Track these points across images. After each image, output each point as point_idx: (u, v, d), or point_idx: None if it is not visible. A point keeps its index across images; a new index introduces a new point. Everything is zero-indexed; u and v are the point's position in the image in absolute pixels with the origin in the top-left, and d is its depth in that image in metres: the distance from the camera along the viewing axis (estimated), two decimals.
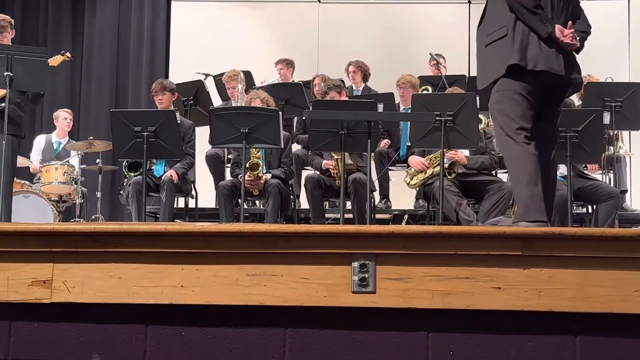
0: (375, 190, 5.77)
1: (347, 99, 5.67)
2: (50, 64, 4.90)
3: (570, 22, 3.20)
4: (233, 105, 6.36)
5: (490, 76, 3.25)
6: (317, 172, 5.40)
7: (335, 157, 5.20)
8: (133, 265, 2.34)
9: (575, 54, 3.33)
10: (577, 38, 3.23)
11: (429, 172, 4.96)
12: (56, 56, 5.23)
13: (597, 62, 7.79)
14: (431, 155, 5.00)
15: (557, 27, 3.21)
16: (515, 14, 3.20)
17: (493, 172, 5.26)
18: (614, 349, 2.28)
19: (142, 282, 2.33)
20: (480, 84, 3.39)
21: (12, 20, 4.99)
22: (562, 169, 4.93)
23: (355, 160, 5.28)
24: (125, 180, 5.54)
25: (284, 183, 5.34)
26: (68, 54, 5.42)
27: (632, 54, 8.33)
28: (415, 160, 5.07)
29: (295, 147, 6.22)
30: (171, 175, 5.34)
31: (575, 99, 5.71)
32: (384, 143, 6.03)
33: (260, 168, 5.26)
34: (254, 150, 5.20)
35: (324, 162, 5.35)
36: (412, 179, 5.08)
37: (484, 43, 3.31)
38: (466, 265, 2.29)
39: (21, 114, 4.80)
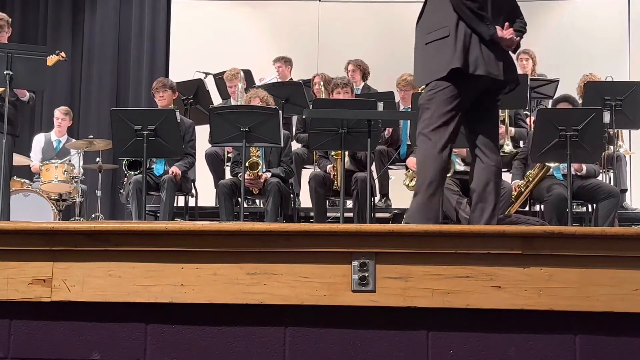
0: (376, 196, 5.79)
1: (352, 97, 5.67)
2: (46, 63, 4.89)
3: (507, 23, 3.20)
4: (233, 103, 6.36)
5: (431, 76, 3.25)
6: (322, 171, 5.41)
7: (335, 157, 5.21)
8: (133, 264, 2.34)
9: (513, 53, 3.33)
10: (517, 38, 3.23)
11: None
12: (51, 56, 5.23)
13: (597, 61, 7.81)
14: None
15: (497, 28, 3.21)
16: (459, 14, 3.18)
17: None
18: (613, 347, 2.28)
19: (142, 281, 2.33)
20: (419, 82, 3.42)
21: (9, 19, 4.99)
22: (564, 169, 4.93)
23: (353, 166, 5.31)
24: (126, 179, 5.54)
25: (284, 182, 5.35)
26: (63, 54, 5.43)
27: (632, 53, 8.33)
28: (413, 161, 5.06)
29: (295, 146, 6.22)
30: (173, 173, 5.34)
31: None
32: (388, 131, 6.01)
33: (260, 167, 5.26)
34: (253, 149, 5.20)
35: (329, 166, 5.37)
36: (411, 180, 5.08)
37: (424, 41, 3.29)
38: (466, 264, 2.29)
39: (16, 112, 4.81)
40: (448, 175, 4.76)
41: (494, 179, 3.26)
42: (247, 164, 5.13)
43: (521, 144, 6.04)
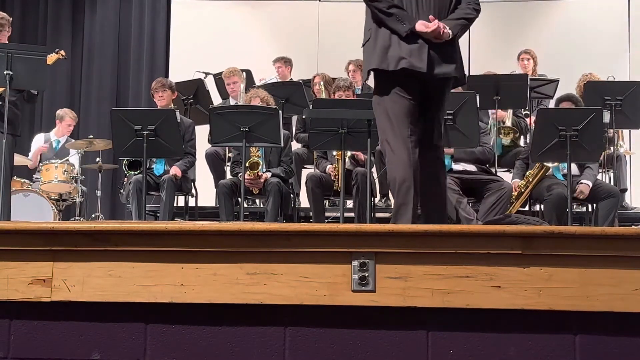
0: (376, 196, 5.79)
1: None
2: (46, 62, 4.89)
3: (431, 16, 3.14)
4: (233, 102, 6.36)
5: (364, 78, 3.39)
6: (319, 171, 5.41)
7: (337, 157, 5.21)
8: (133, 263, 2.34)
9: (451, 43, 3.23)
10: (448, 28, 3.16)
11: None
12: (51, 54, 5.24)
13: (597, 61, 7.81)
14: None
15: (420, 22, 3.14)
16: (372, 15, 3.22)
17: (492, 170, 5.27)
18: (613, 347, 2.28)
19: (142, 281, 2.33)
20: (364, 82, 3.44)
21: (10, 19, 4.99)
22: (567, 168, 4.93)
23: (353, 166, 5.31)
24: (126, 179, 5.55)
25: (284, 182, 5.35)
26: (63, 52, 5.43)
27: (632, 53, 8.33)
28: None
29: (295, 146, 6.22)
30: (174, 173, 5.34)
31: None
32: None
33: (260, 167, 5.26)
34: (253, 149, 5.20)
35: (329, 166, 5.37)
36: None
37: (362, 44, 3.36)
38: (466, 264, 2.29)
39: (17, 112, 4.81)
40: None
41: (441, 173, 3.28)
42: (247, 164, 5.13)
43: (522, 141, 6.05)
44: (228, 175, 5.89)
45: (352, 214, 5.36)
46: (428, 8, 3.22)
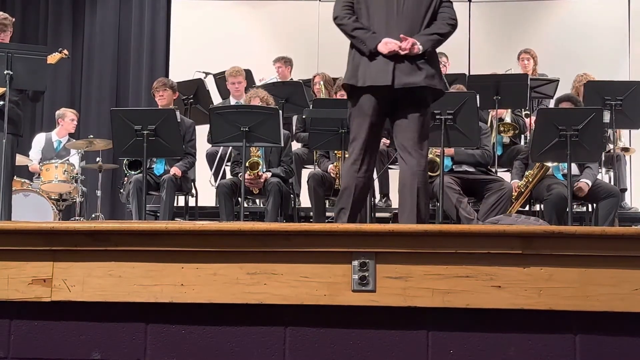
0: (376, 196, 5.79)
1: None
2: (48, 62, 4.89)
3: (402, 36, 3.32)
4: (233, 102, 6.36)
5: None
6: (321, 170, 5.41)
7: (338, 155, 5.21)
8: (133, 263, 2.34)
9: (421, 56, 3.38)
10: (419, 43, 3.33)
11: None
12: (54, 54, 5.23)
13: (597, 61, 7.81)
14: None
15: (382, 42, 3.33)
16: None
17: (492, 170, 5.27)
18: (613, 347, 2.28)
19: (142, 281, 2.33)
20: None
21: (13, 19, 4.99)
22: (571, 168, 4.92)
23: None
24: (126, 178, 5.54)
25: (284, 182, 5.35)
26: (65, 52, 5.43)
27: (632, 53, 8.33)
28: None
29: (295, 146, 6.22)
30: (174, 173, 5.34)
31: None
32: (384, 143, 6.02)
33: (260, 167, 5.26)
34: (253, 149, 5.20)
35: (330, 165, 5.37)
36: None
37: None
38: (466, 264, 2.29)
39: (19, 112, 4.80)
40: (436, 174, 4.75)
41: (414, 182, 3.38)
42: (247, 164, 5.13)
43: (522, 141, 6.05)
44: (228, 175, 5.89)
45: None
46: (397, 26, 3.38)
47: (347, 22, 3.44)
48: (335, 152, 5.33)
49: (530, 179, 5.06)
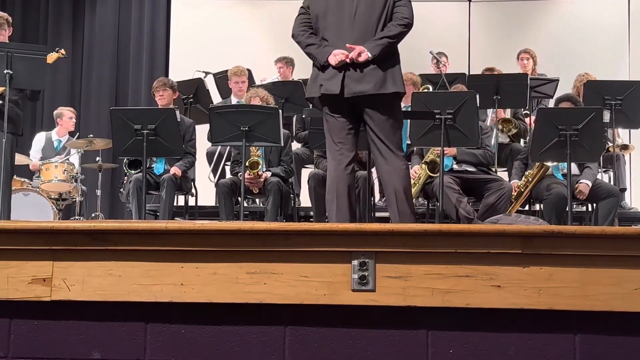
0: (377, 198, 5.79)
1: None
2: (46, 61, 4.89)
3: (348, 45, 3.42)
4: (234, 101, 6.36)
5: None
6: (321, 171, 5.41)
7: None
8: (133, 263, 2.34)
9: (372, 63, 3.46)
10: (367, 51, 3.42)
11: (420, 180, 4.99)
12: (51, 53, 5.23)
13: (597, 61, 7.81)
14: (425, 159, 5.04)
15: (332, 54, 3.45)
16: None
17: (493, 170, 5.27)
18: (613, 347, 2.28)
19: (142, 280, 2.33)
20: None
21: (10, 18, 4.98)
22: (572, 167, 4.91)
23: (357, 165, 5.30)
24: (126, 177, 5.54)
25: (284, 181, 5.35)
26: (63, 51, 5.42)
27: (632, 52, 8.33)
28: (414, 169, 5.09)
29: (295, 146, 6.21)
30: (174, 173, 5.34)
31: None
32: None
33: (260, 166, 5.26)
34: (253, 148, 5.20)
35: None
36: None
37: None
38: (466, 264, 2.29)
39: (19, 111, 4.80)
40: (437, 175, 4.76)
41: (390, 185, 3.50)
42: (247, 164, 5.13)
43: (522, 142, 6.05)
44: (228, 175, 5.89)
45: None
46: (350, 34, 3.48)
47: (301, 40, 3.65)
48: None
49: (530, 179, 5.06)
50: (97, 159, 6.73)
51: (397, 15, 3.50)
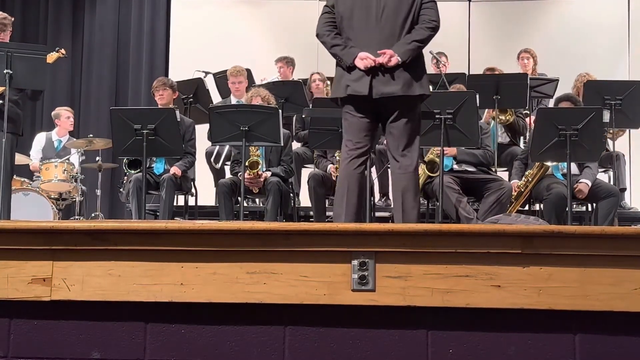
0: (377, 198, 5.79)
1: None
2: (46, 61, 4.89)
3: (379, 51, 3.43)
4: (234, 101, 6.35)
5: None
6: (321, 170, 5.41)
7: (338, 157, 5.20)
8: (133, 263, 2.34)
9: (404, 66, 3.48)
10: (397, 55, 3.44)
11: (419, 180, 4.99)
12: (51, 53, 5.23)
13: (597, 60, 7.81)
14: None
15: (358, 57, 3.46)
16: None
17: (493, 170, 5.27)
18: (613, 347, 2.28)
19: (142, 280, 2.33)
20: None
21: (12, 19, 4.99)
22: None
23: None
24: (125, 177, 5.54)
25: (284, 181, 5.34)
26: (63, 51, 5.42)
27: (631, 52, 8.33)
28: None
29: (295, 146, 6.21)
30: (174, 172, 5.34)
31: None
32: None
33: (260, 166, 5.26)
34: (253, 148, 5.20)
35: (330, 166, 5.36)
36: None
37: None
38: (466, 263, 2.29)
39: (19, 111, 4.80)
40: (436, 174, 4.76)
41: (399, 185, 3.53)
42: (247, 164, 5.13)
43: (522, 143, 6.04)
44: (228, 174, 5.89)
45: None
46: (378, 35, 3.48)
47: (326, 40, 3.62)
48: (336, 154, 5.32)
49: (530, 179, 5.06)
50: (97, 158, 6.73)
51: (425, 17, 3.52)
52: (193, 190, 5.75)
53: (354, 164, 3.55)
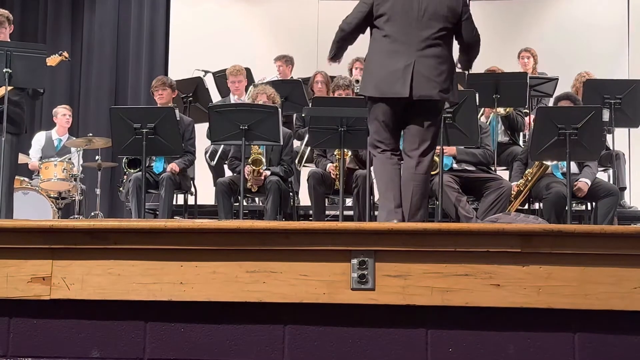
0: (377, 197, 5.77)
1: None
2: (48, 64, 4.89)
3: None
4: (233, 100, 6.35)
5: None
6: (321, 169, 5.41)
7: (337, 156, 5.20)
8: (132, 262, 2.34)
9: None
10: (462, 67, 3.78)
11: None
12: (54, 56, 5.23)
13: (597, 59, 7.81)
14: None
15: None
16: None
17: (492, 169, 5.26)
18: (612, 346, 2.28)
19: (142, 279, 2.33)
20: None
21: (10, 16, 4.98)
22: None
23: (354, 164, 5.30)
24: (125, 176, 5.54)
25: (283, 180, 5.34)
26: (66, 54, 5.42)
27: (631, 51, 8.33)
28: None
29: (295, 144, 6.21)
30: (172, 169, 5.33)
31: None
32: None
33: (263, 165, 5.25)
34: (255, 147, 5.20)
35: (329, 165, 5.36)
36: None
37: None
38: (465, 262, 2.29)
39: (20, 111, 4.79)
40: (435, 172, 4.75)
41: (409, 183, 3.57)
42: (250, 161, 5.13)
43: (521, 142, 6.05)
44: (227, 173, 5.88)
45: (351, 213, 5.36)
46: (416, 32, 3.57)
47: (346, 36, 3.73)
48: (335, 153, 5.32)
49: (530, 178, 5.06)
50: (97, 157, 6.73)
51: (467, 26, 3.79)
52: (192, 189, 5.75)
53: (392, 160, 3.60)
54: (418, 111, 3.59)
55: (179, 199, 5.95)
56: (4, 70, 4.40)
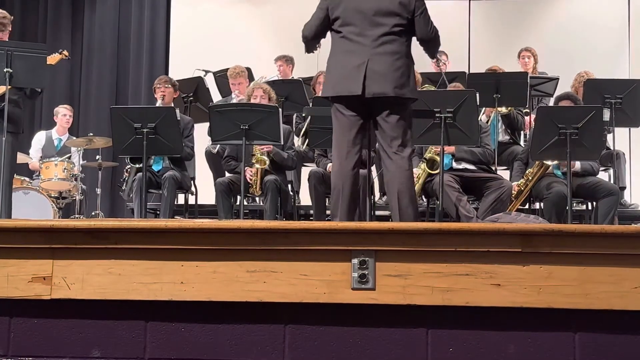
0: (377, 196, 5.79)
1: None
2: (48, 62, 4.89)
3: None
4: (234, 101, 6.35)
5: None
6: (322, 169, 5.41)
7: None
8: (133, 261, 2.34)
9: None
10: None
11: (420, 180, 4.99)
12: (54, 54, 5.23)
13: (597, 59, 7.80)
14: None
15: None
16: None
17: (492, 168, 5.27)
18: (613, 345, 2.28)
19: (142, 279, 2.33)
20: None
21: (12, 17, 4.99)
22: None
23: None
24: (127, 174, 5.54)
25: (282, 180, 5.34)
26: (66, 53, 5.42)
27: (632, 51, 8.33)
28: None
29: (296, 142, 6.21)
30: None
31: None
32: None
33: (266, 164, 5.26)
34: (257, 147, 5.20)
35: (329, 165, 5.36)
36: None
37: None
38: (466, 262, 2.29)
39: (18, 111, 4.80)
40: (436, 172, 4.75)
41: (394, 185, 3.57)
42: (253, 160, 5.14)
43: (522, 141, 6.04)
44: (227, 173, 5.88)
45: None
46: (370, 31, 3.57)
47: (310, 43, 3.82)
48: None
49: (530, 177, 5.06)
50: (97, 157, 6.73)
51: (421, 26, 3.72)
52: (193, 188, 5.75)
53: (349, 164, 3.58)
54: (381, 109, 3.58)
55: (180, 199, 5.95)
56: (5, 70, 4.41)
